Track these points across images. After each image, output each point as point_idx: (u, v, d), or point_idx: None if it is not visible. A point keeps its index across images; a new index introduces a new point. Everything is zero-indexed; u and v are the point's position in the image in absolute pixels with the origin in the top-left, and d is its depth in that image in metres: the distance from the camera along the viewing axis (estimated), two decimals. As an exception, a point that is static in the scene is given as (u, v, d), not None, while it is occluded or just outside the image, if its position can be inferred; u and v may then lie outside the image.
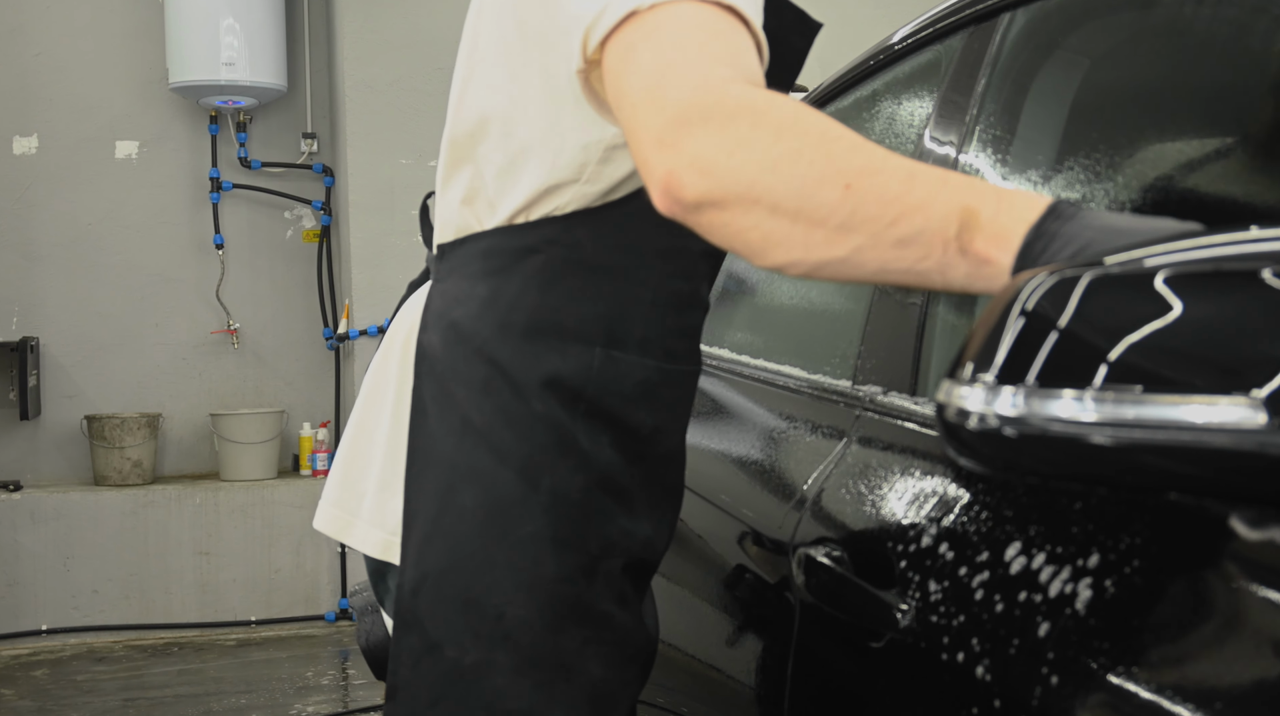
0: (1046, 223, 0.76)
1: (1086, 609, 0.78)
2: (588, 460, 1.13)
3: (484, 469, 1.12)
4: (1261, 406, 0.63)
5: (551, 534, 1.12)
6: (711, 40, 0.91)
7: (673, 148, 0.86)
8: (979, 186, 0.80)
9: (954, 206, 0.79)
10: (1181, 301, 0.66)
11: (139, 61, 4.72)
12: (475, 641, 1.12)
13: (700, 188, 0.85)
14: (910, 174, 0.81)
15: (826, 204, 0.81)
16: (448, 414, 1.14)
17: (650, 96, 0.89)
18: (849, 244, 0.82)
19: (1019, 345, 0.72)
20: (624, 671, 1.18)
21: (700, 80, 0.87)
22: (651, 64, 0.90)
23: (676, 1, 0.92)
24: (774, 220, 0.83)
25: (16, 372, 4.46)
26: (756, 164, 0.83)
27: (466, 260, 1.16)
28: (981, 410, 0.73)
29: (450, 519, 1.13)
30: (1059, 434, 0.70)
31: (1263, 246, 0.66)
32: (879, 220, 0.80)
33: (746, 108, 0.85)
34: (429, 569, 1.13)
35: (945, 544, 0.96)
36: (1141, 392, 0.67)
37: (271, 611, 4.56)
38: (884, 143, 1.57)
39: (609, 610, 1.16)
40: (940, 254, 0.79)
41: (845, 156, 0.82)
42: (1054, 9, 1.25)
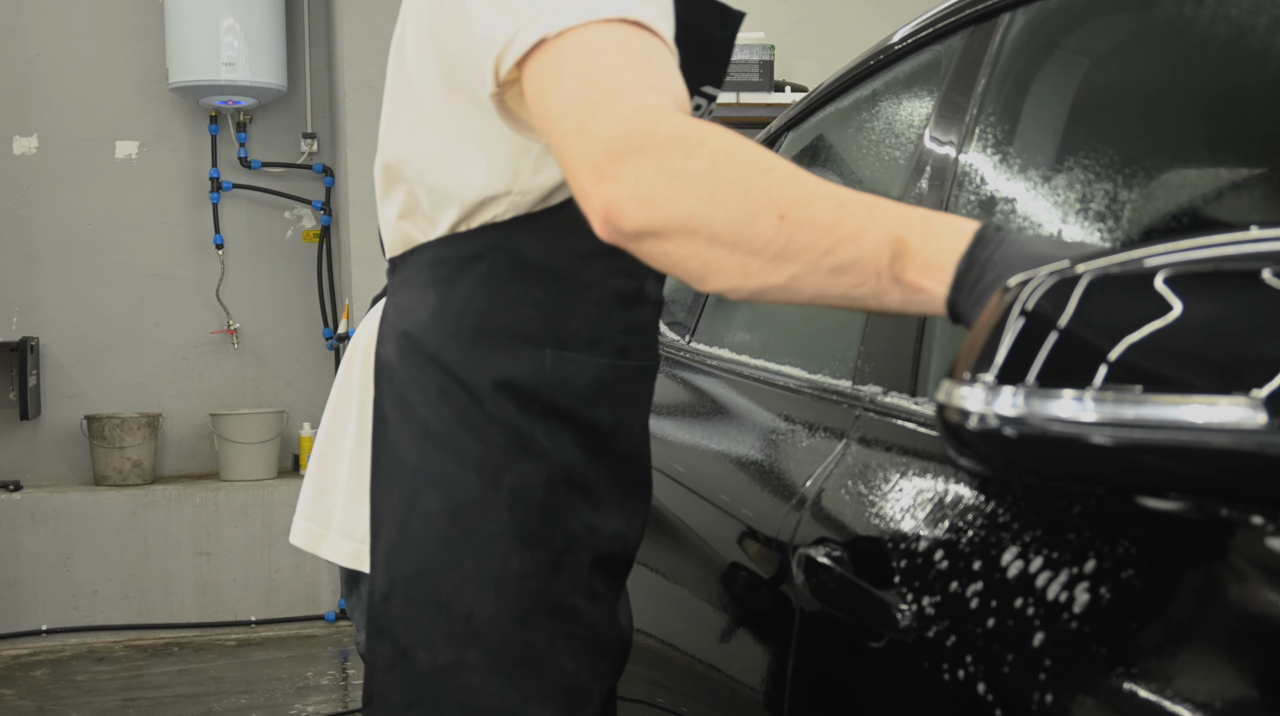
0: (976, 251, 0.79)
1: (1087, 610, 0.78)
2: (548, 458, 1.15)
3: (445, 472, 1.14)
4: (1261, 406, 0.63)
5: (515, 531, 1.14)
6: (631, 62, 0.93)
7: (611, 179, 0.88)
8: (907, 214, 0.83)
9: (885, 236, 0.82)
10: (1181, 301, 0.66)
11: (139, 61, 4.72)
12: (446, 642, 1.14)
13: (640, 219, 0.87)
14: (841, 203, 0.83)
15: (762, 235, 0.84)
16: (408, 422, 1.16)
17: (580, 127, 0.91)
18: (785, 272, 0.85)
19: (1019, 345, 0.72)
20: (596, 664, 1.20)
21: (630, 111, 0.89)
22: (576, 92, 0.92)
23: (585, 25, 0.94)
24: (712, 249, 0.86)
25: (16, 372, 4.46)
26: (694, 196, 0.86)
27: (415, 271, 1.18)
28: (981, 410, 0.73)
29: (416, 523, 1.15)
30: (1059, 434, 0.70)
31: (1263, 246, 0.66)
32: (813, 250, 0.83)
33: (680, 138, 0.87)
34: (398, 574, 1.15)
35: (945, 544, 0.96)
36: (1141, 392, 0.67)
37: (271, 611, 4.56)
38: (884, 143, 1.57)
39: (577, 603, 1.18)
40: (874, 282, 0.82)
41: (779, 187, 0.84)
42: (1054, 9, 1.25)
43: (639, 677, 1.72)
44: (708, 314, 1.98)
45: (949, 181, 1.27)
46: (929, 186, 1.31)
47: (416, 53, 1.15)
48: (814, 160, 1.86)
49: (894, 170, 1.47)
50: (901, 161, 1.45)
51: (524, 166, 1.12)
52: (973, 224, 0.82)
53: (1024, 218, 1.17)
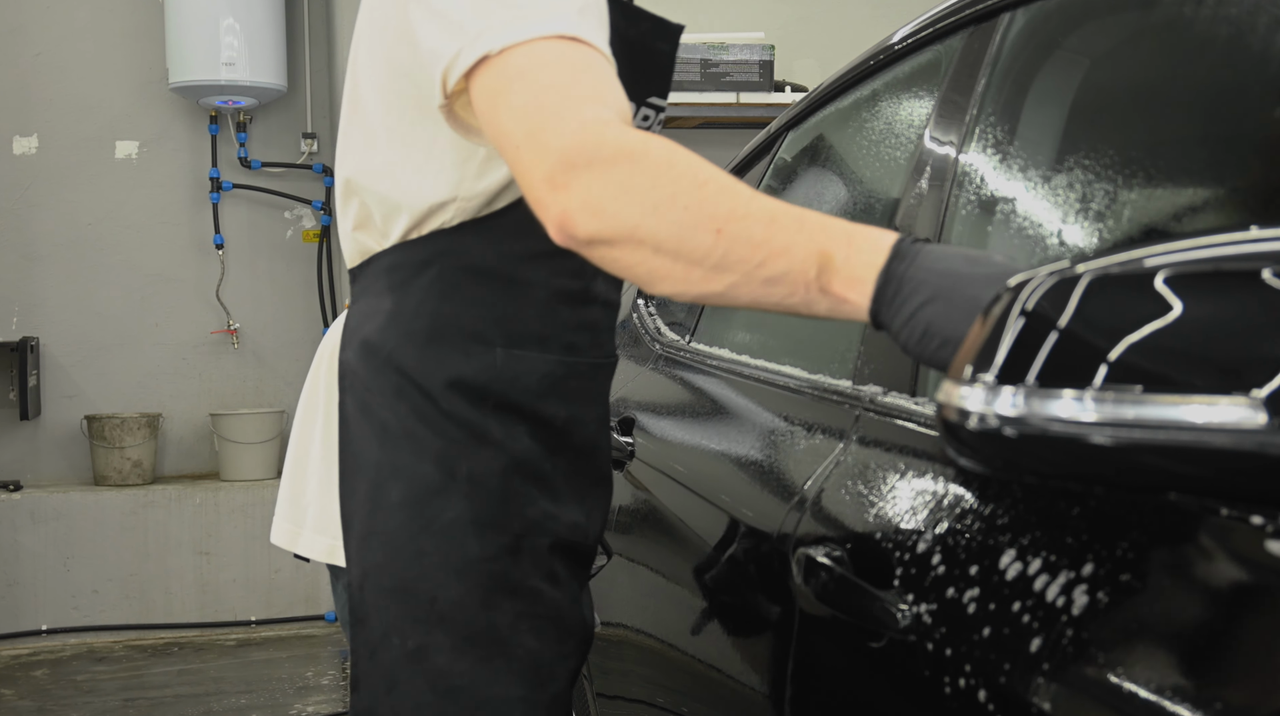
0: (892, 266, 0.89)
1: (1086, 611, 0.78)
2: (503, 448, 1.22)
3: (405, 465, 1.21)
4: (1261, 406, 0.63)
5: (472, 517, 1.21)
6: (574, 76, 1.01)
7: (565, 189, 0.96)
8: (831, 228, 0.92)
9: (812, 250, 0.91)
10: (1181, 301, 0.66)
11: (139, 61, 4.71)
12: (415, 627, 1.21)
13: (592, 227, 0.95)
14: (772, 217, 0.92)
15: (701, 247, 0.93)
16: (369, 422, 1.23)
17: (533, 140, 0.98)
18: (724, 281, 0.94)
19: (1019, 345, 0.72)
20: (560, 645, 1.26)
21: (578, 125, 0.96)
22: (526, 106, 0.99)
23: (529, 42, 1.01)
24: (657, 258, 0.95)
25: (16, 372, 4.46)
26: (639, 207, 0.94)
27: (373, 279, 1.26)
28: (981, 410, 0.73)
29: (381, 516, 1.22)
30: (1059, 434, 0.70)
31: (1263, 246, 0.66)
32: (748, 262, 0.92)
33: (624, 152, 0.95)
34: (369, 565, 1.22)
35: (946, 544, 0.96)
36: (1141, 393, 0.67)
37: (271, 611, 4.56)
38: (884, 143, 1.57)
39: (537, 585, 1.24)
40: (804, 292, 0.92)
41: (714, 201, 0.93)
42: (1054, 9, 1.25)
43: (639, 677, 1.72)
44: (708, 314, 1.98)
45: (949, 181, 1.27)
46: (929, 186, 1.31)
47: (368, 68, 1.22)
48: (814, 160, 1.86)
49: (894, 170, 1.47)
50: (901, 161, 1.45)
51: (468, 173, 1.19)
52: (890, 237, 0.90)
53: (1024, 217, 1.17)
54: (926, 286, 0.87)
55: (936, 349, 0.88)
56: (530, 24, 1.01)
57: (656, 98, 1.30)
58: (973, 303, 0.85)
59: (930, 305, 0.87)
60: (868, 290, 0.89)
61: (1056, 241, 1.09)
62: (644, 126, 1.28)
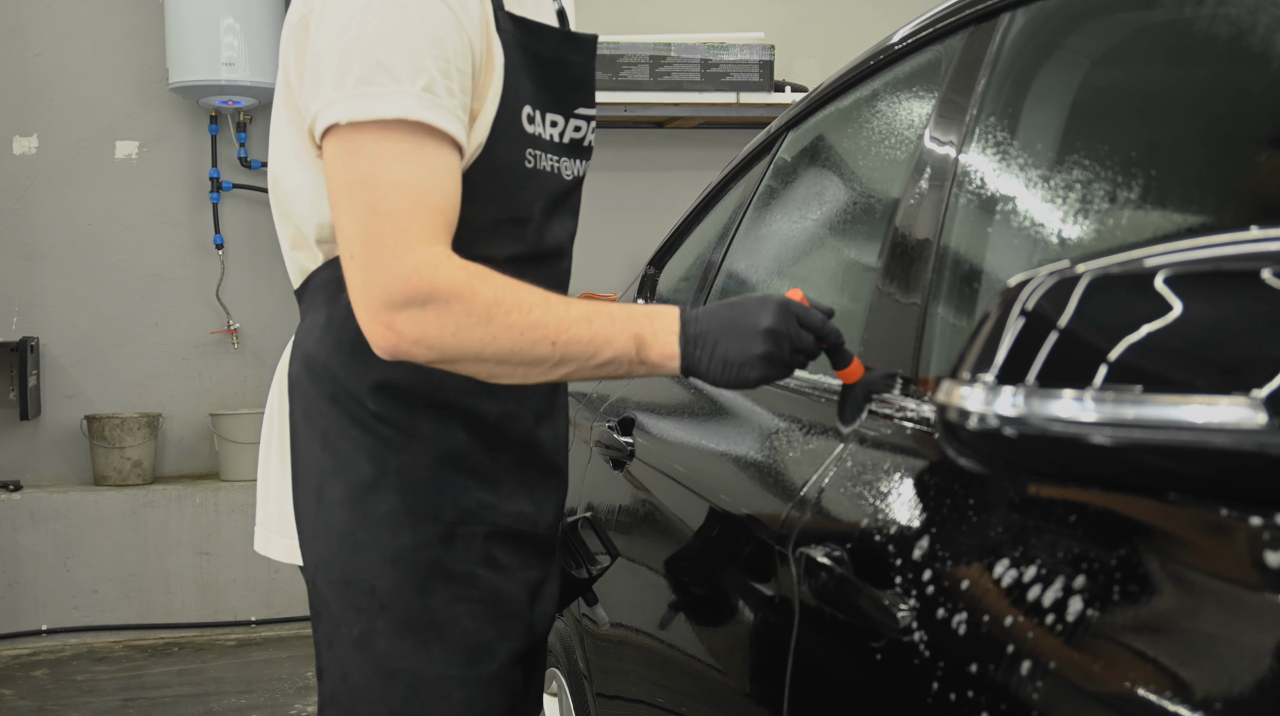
0: (686, 330, 1.20)
1: (1087, 610, 0.78)
2: (433, 443, 1.31)
3: (342, 465, 1.30)
4: (1261, 406, 0.63)
5: (405, 508, 1.29)
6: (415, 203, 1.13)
7: (391, 326, 1.13)
8: (634, 313, 1.19)
9: (627, 336, 1.18)
10: (1181, 301, 0.66)
11: (139, 61, 4.71)
12: (358, 615, 1.30)
13: (430, 357, 1.15)
14: (589, 318, 1.17)
15: (540, 355, 1.16)
16: (313, 429, 1.32)
17: (363, 268, 1.13)
18: (562, 372, 1.19)
19: (1019, 345, 0.72)
20: (498, 626, 1.34)
21: (410, 266, 1.11)
22: (358, 218, 1.14)
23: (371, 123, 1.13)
24: (500, 367, 1.17)
25: (16, 372, 4.46)
26: (478, 341, 1.14)
27: (312, 294, 1.35)
28: (981, 410, 0.73)
29: (325, 514, 1.31)
30: (1059, 434, 0.70)
31: (1263, 246, 0.66)
32: (581, 357, 1.17)
33: (457, 296, 1.12)
34: (318, 561, 1.32)
35: (945, 544, 0.96)
36: (1141, 393, 0.67)
37: (271, 611, 4.56)
38: (884, 143, 1.57)
39: (474, 570, 1.32)
40: (629, 367, 1.20)
41: (544, 321, 1.15)
42: (1054, 9, 1.25)
43: (639, 677, 1.72)
44: (708, 314, 1.98)
45: (949, 181, 1.27)
46: (929, 186, 1.31)
47: (282, 97, 1.31)
48: (814, 160, 1.86)
49: (894, 170, 1.47)
50: (901, 161, 1.45)
51: None
52: (673, 310, 1.21)
53: (1024, 217, 1.17)
54: (712, 334, 1.19)
55: (738, 371, 1.19)
56: (376, 101, 1.13)
57: (584, 108, 1.37)
58: (748, 327, 1.18)
59: (720, 343, 1.18)
60: (674, 352, 1.19)
61: (1056, 241, 1.09)
62: (577, 138, 1.37)
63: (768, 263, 1.89)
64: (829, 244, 1.72)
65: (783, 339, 1.18)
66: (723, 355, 1.18)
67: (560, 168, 1.35)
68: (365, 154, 1.14)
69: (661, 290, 2.39)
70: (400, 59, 1.14)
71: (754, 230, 1.94)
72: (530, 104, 1.29)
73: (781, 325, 1.18)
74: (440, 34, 1.17)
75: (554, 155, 1.34)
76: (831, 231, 1.71)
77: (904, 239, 1.32)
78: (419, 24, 1.15)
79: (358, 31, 1.15)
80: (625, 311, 1.19)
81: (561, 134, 1.34)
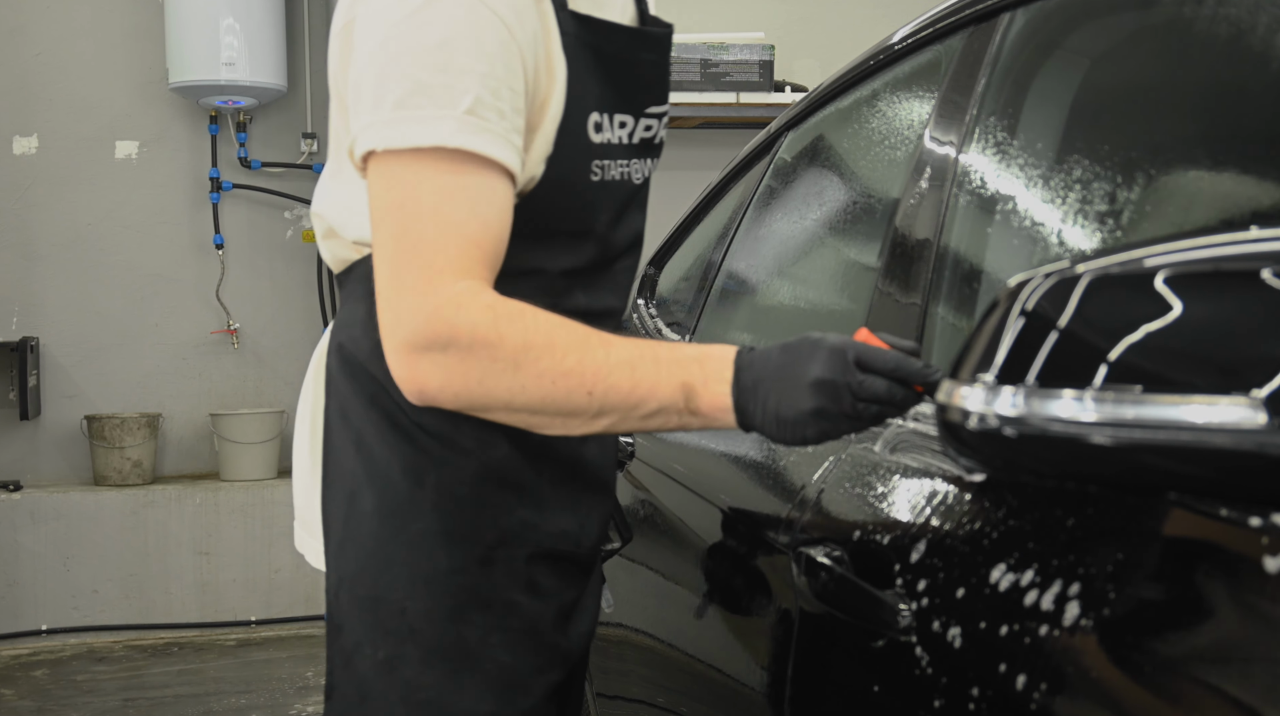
0: (740, 378, 1.04)
1: (1087, 611, 0.78)
2: (475, 457, 1.20)
3: (377, 473, 1.21)
4: (1261, 406, 0.63)
5: (441, 527, 1.19)
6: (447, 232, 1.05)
7: (415, 368, 1.05)
8: (683, 358, 1.05)
9: (674, 384, 1.04)
10: (1181, 301, 0.66)
11: (139, 61, 4.71)
12: (385, 638, 1.20)
13: (459, 404, 1.06)
14: (632, 365, 1.04)
15: (577, 405, 1.04)
16: (347, 428, 1.23)
17: (388, 303, 1.06)
18: (604, 423, 1.06)
19: (1019, 345, 0.72)
20: (536, 657, 1.24)
21: (432, 305, 1.03)
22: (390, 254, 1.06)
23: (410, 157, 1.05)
24: (536, 417, 1.07)
25: (16, 373, 4.46)
26: (505, 390, 1.04)
27: (355, 285, 1.25)
28: (981, 410, 0.73)
29: (355, 524, 1.22)
30: (1059, 434, 0.70)
31: (1263, 246, 0.66)
32: (623, 407, 1.05)
33: (480, 341, 1.03)
34: (344, 573, 1.22)
35: (945, 544, 0.96)
36: (1141, 393, 0.67)
37: (271, 611, 4.56)
38: (884, 143, 1.57)
39: (513, 598, 1.22)
40: (678, 419, 1.06)
41: (580, 367, 1.03)
42: (1054, 9, 1.25)
43: (639, 677, 1.72)
44: (708, 314, 1.99)
45: (949, 181, 1.27)
46: (929, 186, 1.31)
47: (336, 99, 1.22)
48: (814, 160, 1.86)
49: (894, 170, 1.47)
50: (901, 161, 1.45)
51: None
52: (729, 353, 1.05)
53: (1024, 217, 1.17)
54: (764, 383, 1.03)
55: (793, 431, 1.02)
56: (419, 129, 1.05)
57: (655, 106, 1.26)
58: (797, 378, 1.01)
59: (772, 395, 1.02)
60: (728, 405, 1.05)
61: (1056, 241, 1.09)
62: (647, 137, 1.26)
63: (768, 263, 1.89)
64: (829, 244, 1.72)
65: (839, 390, 1.01)
66: (774, 411, 1.02)
67: (630, 172, 1.25)
68: (398, 181, 1.06)
69: (661, 290, 2.39)
70: (442, 79, 1.04)
71: (754, 230, 1.94)
72: (597, 109, 1.19)
73: (834, 374, 1.01)
74: (489, 49, 1.06)
75: (623, 160, 1.23)
76: (831, 231, 1.71)
77: (904, 239, 1.32)
78: (464, 38, 1.05)
79: (397, 48, 1.06)
80: (674, 355, 1.05)
81: (631, 135, 1.24)
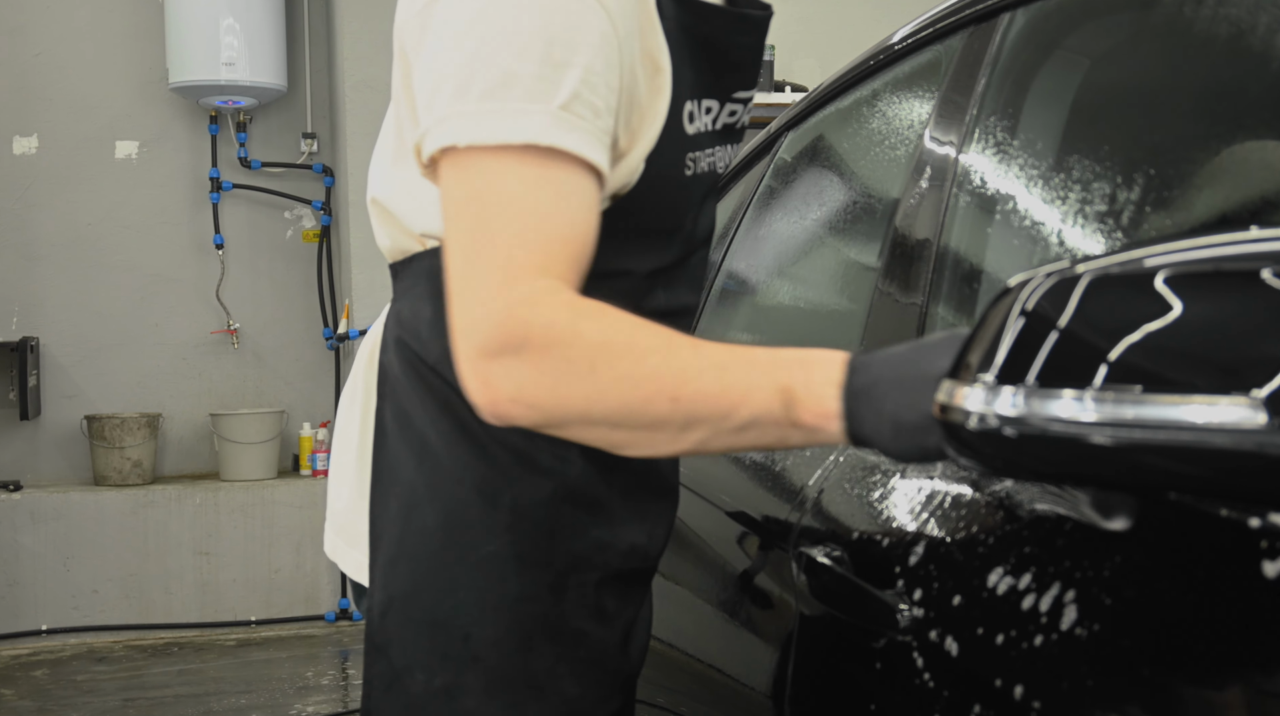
0: (851, 381, 0.86)
1: (1087, 611, 0.78)
2: (551, 475, 1.11)
3: (443, 488, 1.11)
4: (1261, 406, 0.63)
5: (513, 552, 1.11)
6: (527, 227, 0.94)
7: (487, 379, 0.92)
8: (782, 359, 0.89)
9: (772, 389, 0.88)
10: (1181, 301, 0.66)
11: (139, 61, 4.71)
12: (444, 664, 1.12)
13: (531, 418, 0.93)
14: (722, 367, 0.89)
15: (660, 415, 0.90)
16: (406, 434, 1.13)
17: (459, 307, 0.94)
18: (694, 438, 0.91)
19: (1019, 345, 0.72)
20: (600, 688, 1.17)
21: (504, 307, 0.92)
22: (464, 252, 0.95)
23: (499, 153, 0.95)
24: (616, 432, 0.93)
25: (16, 373, 4.46)
26: (582, 397, 0.91)
27: (415, 280, 1.16)
28: (981, 410, 0.73)
29: (413, 540, 1.12)
30: (1059, 434, 0.70)
31: (1263, 246, 0.66)
32: (713, 417, 0.89)
33: (554, 340, 0.90)
34: (395, 592, 1.13)
35: (946, 544, 0.96)
36: (1141, 393, 0.67)
37: (271, 611, 4.56)
38: (884, 143, 1.57)
39: (582, 627, 1.14)
40: (776, 431, 0.89)
41: (663, 370, 0.89)
42: (1054, 9, 1.25)
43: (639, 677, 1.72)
44: (708, 314, 1.98)
45: (949, 181, 1.27)
46: (929, 186, 1.31)
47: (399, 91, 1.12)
48: (814, 161, 1.86)
49: (894, 170, 1.47)
50: (901, 161, 1.45)
51: None
52: (839, 356, 0.88)
53: (1024, 217, 1.17)
54: (881, 385, 0.85)
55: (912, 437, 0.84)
56: (500, 126, 0.94)
57: (742, 90, 1.18)
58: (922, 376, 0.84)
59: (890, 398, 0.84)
60: (836, 410, 0.86)
61: (1056, 241, 1.09)
62: (730, 122, 1.18)
63: (768, 263, 1.89)
64: (829, 244, 1.71)
65: None
66: (892, 415, 0.84)
67: (715, 161, 1.17)
68: (478, 174, 0.95)
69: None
70: (536, 69, 0.95)
71: (754, 230, 1.94)
72: (690, 96, 1.10)
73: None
74: (590, 40, 0.96)
75: (710, 149, 1.15)
76: (831, 231, 1.71)
77: (904, 239, 1.32)
78: (564, 26, 0.96)
79: (485, 31, 0.96)
80: (773, 357, 0.90)
81: (715, 120, 1.15)
